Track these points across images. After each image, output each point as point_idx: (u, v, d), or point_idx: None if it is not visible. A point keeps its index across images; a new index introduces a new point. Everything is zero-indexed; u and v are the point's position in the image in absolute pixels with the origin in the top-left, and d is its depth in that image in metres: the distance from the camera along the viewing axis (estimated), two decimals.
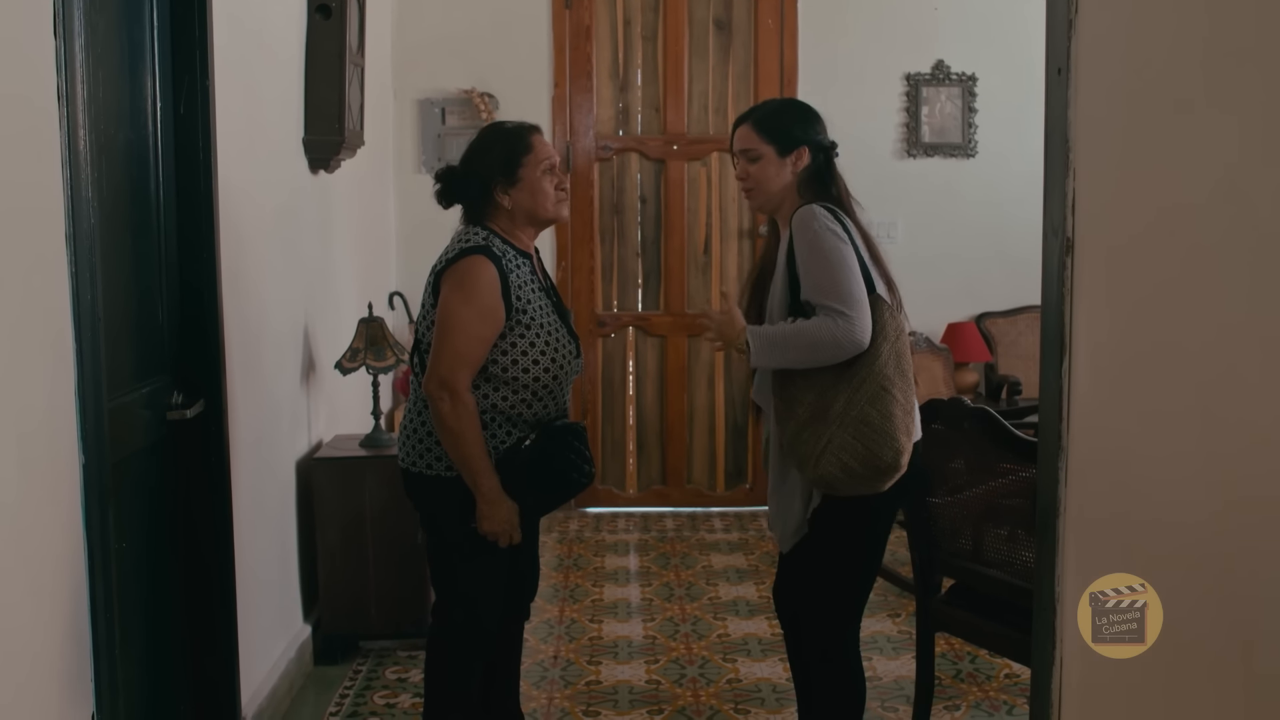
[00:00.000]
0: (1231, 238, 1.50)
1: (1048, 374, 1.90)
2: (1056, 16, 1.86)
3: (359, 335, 4.18)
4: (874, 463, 2.70)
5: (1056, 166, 1.86)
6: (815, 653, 2.97)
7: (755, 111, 3.02)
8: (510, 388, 2.88)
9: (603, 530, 5.86)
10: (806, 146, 2.90)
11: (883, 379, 2.72)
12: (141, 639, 2.78)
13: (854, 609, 2.95)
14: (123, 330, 2.70)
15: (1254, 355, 1.46)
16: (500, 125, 3.08)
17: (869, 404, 2.71)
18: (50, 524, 2.08)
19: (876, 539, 2.91)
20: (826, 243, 2.73)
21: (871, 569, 2.94)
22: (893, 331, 2.75)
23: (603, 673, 4.04)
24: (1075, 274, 1.83)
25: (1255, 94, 1.46)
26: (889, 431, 2.70)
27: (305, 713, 3.72)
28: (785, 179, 2.91)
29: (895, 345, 2.75)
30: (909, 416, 2.75)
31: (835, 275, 2.71)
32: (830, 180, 2.91)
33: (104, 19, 2.61)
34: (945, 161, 6.06)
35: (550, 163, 2.96)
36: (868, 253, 2.82)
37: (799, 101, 3.16)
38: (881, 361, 2.72)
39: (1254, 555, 1.47)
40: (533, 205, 2.94)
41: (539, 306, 2.92)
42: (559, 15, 5.93)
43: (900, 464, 2.72)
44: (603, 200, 6.06)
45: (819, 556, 2.87)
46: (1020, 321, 5.98)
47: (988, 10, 5.97)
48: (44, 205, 2.06)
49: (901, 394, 2.73)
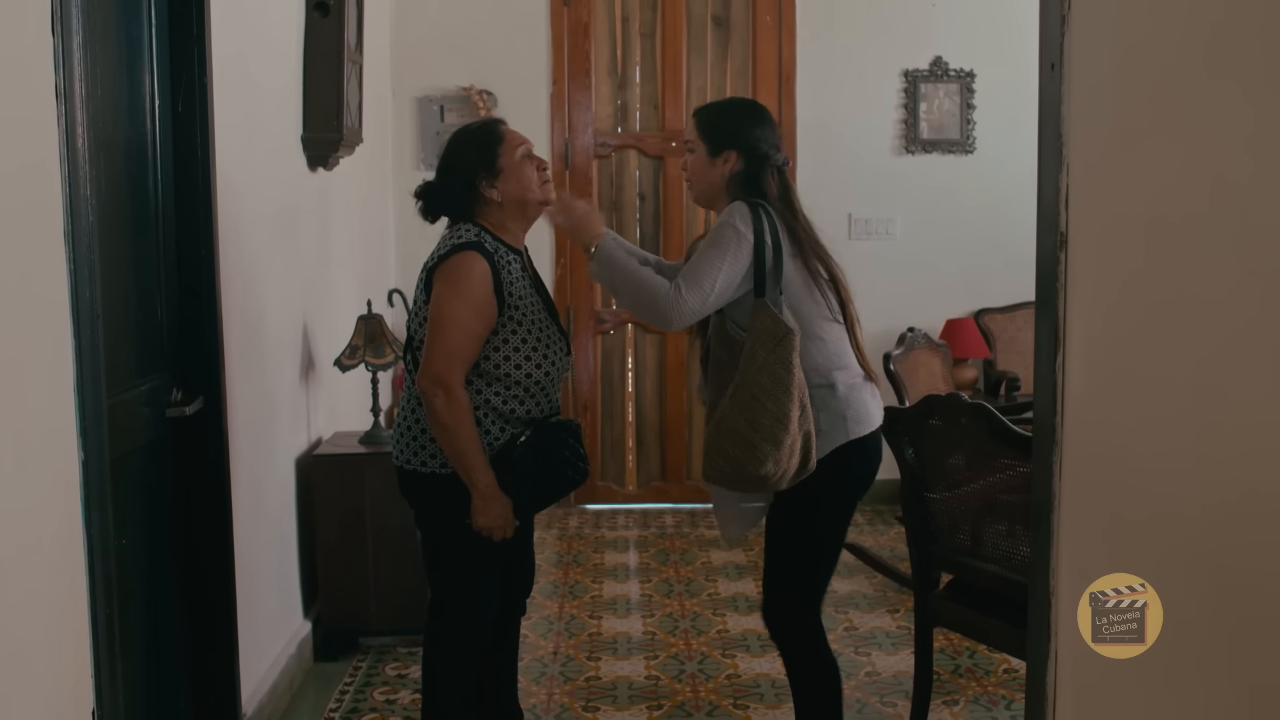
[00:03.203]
0: (1225, 232, 1.51)
1: (1042, 368, 1.91)
2: (1050, 12, 1.87)
3: (358, 332, 4.19)
4: (740, 470, 2.76)
5: (1050, 161, 1.87)
6: (778, 638, 3.04)
7: (705, 108, 3.10)
8: (503, 384, 2.88)
9: (602, 527, 5.87)
10: (736, 151, 2.92)
11: (755, 387, 2.73)
12: (142, 636, 2.79)
13: (809, 595, 3.00)
14: (122, 327, 2.70)
15: (1248, 349, 1.47)
16: (465, 127, 3.09)
17: (739, 412, 2.75)
18: (50, 521, 2.08)
19: (829, 527, 2.96)
20: (723, 235, 2.81)
21: (826, 556, 2.99)
22: (771, 339, 2.73)
23: (602, 668, 4.05)
24: (1069, 268, 1.84)
25: (1248, 88, 1.47)
26: (753, 442, 2.72)
27: (305, 709, 3.73)
28: (714, 178, 2.96)
29: (775, 353, 2.73)
30: (781, 426, 2.71)
31: (705, 259, 2.79)
32: (762, 186, 2.91)
33: (102, 16, 2.61)
34: (943, 158, 6.06)
35: (525, 149, 2.97)
36: (797, 260, 2.84)
37: (750, 104, 3.17)
38: (755, 370, 2.74)
39: (1248, 548, 1.48)
40: (520, 191, 2.93)
41: (530, 303, 2.92)
42: (557, 12, 5.93)
43: (761, 473, 2.73)
44: (601, 197, 6.07)
45: (771, 544, 2.99)
46: (1019, 317, 5.99)
47: (986, 7, 5.98)
48: (43, 202, 2.06)
49: (774, 404, 2.71)
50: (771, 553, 3.02)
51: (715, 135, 2.95)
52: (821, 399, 2.87)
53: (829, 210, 5.99)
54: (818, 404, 2.86)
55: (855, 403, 2.90)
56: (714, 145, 2.94)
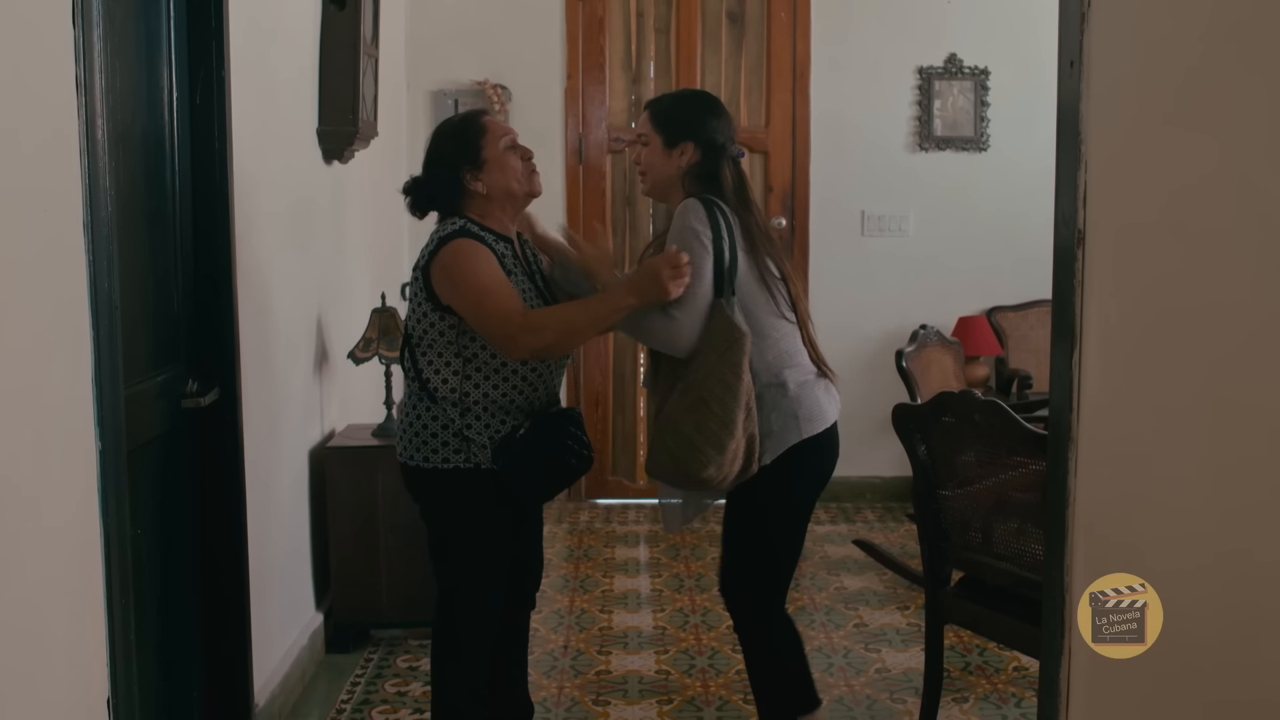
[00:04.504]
0: (1243, 231, 1.51)
1: (1058, 365, 1.91)
2: (1069, 10, 1.87)
3: (372, 325, 4.20)
4: (683, 470, 2.77)
5: (1068, 159, 1.87)
6: (739, 633, 3.05)
7: (658, 99, 3.11)
8: (500, 374, 2.87)
9: (613, 521, 5.88)
10: (693, 143, 2.92)
11: (703, 390, 2.74)
12: (156, 625, 2.81)
13: (763, 592, 3.00)
14: (138, 318, 2.72)
15: (1265, 349, 1.47)
16: (447, 121, 3.07)
17: (686, 413, 2.76)
18: (67, 510, 2.09)
19: (782, 527, 2.97)
20: (686, 241, 2.79)
21: (782, 555, 3.00)
22: (723, 343, 2.74)
23: (612, 662, 4.06)
24: (1086, 265, 1.84)
25: (1269, 87, 1.46)
26: (696, 444, 2.73)
27: (317, 700, 3.74)
28: (669, 171, 2.96)
29: (725, 357, 2.74)
30: (726, 430, 2.73)
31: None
32: (718, 179, 2.91)
33: (121, 9, 2.63)
34: (957, 155, 6.05)
35: (510, 139, 2.95)
36: (749, 256, 2.84)
37: (704, 96, 3.19)
38: (704, 373, 2.74)
39: (1263, 545, 1.48)
40: (505, 182, 2.91)
41: (524, 289, 2.90)
42: (572, 7, 5.94)
43: (703, 476, 2.75)
44: (615, 192, 6.08)
45: (726, 540, 3.03)
46: (1031, 316, 5.98)
47: (1000, 4, 5.97)
48: (63, 194, 2.08)
49: (721, 408, 2.72)
50: (727, 547, 3.03)
51: (671, 127, 2.94)
52: (772, 399, 2.85)
53: (842, 206, 6.02)
54: (768, 404, 2.84)
55: (807, 400, 2.88)
56: (670, 137, 2.94)
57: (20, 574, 1.93)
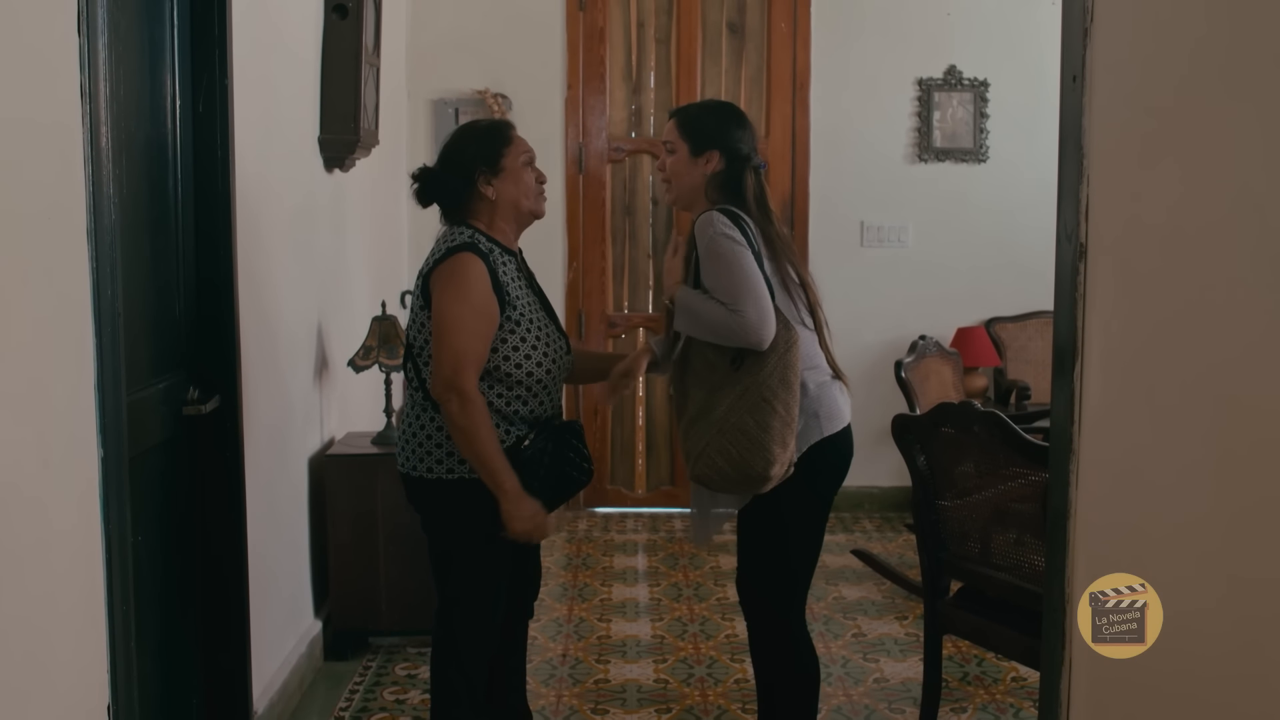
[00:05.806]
0: (1246, 245, 1.52)
1: (1060, 377, 1.92)
2: (1072, 25, 1.88)
3: (372, 333, 4.21)
4: (745, 470, 2.79)
5: (1071, 173, 1.88)
6: (757, 641, 3.05)
7: (685, 108, 3.13)
8: (505, 385, 2.88)
9: (611, 530, 5.88)
10: (719, 151, 2.94)
11: (765, 390, 2.78)
12: (156, 632, 2.81)
13: (789, 597, 3.01)
14: (140, 325, 2.72)
15: (1265, 361, 1.48)
16: (477, 122, 3.10)
17: (748, 413, 2.79)
18: (69, 516, 2.10)
19: (801, 526, 2.97)
20: (721, 246, 2.80)
21: (801, 556, 3.00)
22: (782, 345, 2.80)
23: (611, 671, 4.06)
24: (1088, 279, 1.84)
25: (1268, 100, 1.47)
26: (763, 443, 2.77)
27: (315, 708, 3.74)
28: (695, 178, 2.98)
29: (784, 358, 2.80)
30: (788, 428, 2.80)
31: (732, 276, 2.78)
32: (741, 188, 2.94)
33: (126, 17, 2.63)
34: (956, 166, 6.07)
35: (529, 156, 2.97)
36: (771, 264, 2.87)
37: (729, 106, 3.21)
38: (766, 373, 2.79)
39: (1265, 560, 1.48)
40: (516, 194, 2.92)
41: (528, 303, 2.92)
42: (573, 17, 5.95)
43: (769, 474, 2.79)
44: (615, 201, 6.08)
45: (745, 545, 3.02)
46: (1030, 327, 5.99)
47: (1000, 16, 5.99)
48: (67, 201, 2.08)
49: (783, 406, 2.79)
50: (744, 552, 3.03)
51: (698, 135, 2.97)
52: None
53: (842, 217, 6.03)
54: None
55: (826, 400, 2.93)
56: (696, 145, 2.96)
57: (22, 580, 1.93)
